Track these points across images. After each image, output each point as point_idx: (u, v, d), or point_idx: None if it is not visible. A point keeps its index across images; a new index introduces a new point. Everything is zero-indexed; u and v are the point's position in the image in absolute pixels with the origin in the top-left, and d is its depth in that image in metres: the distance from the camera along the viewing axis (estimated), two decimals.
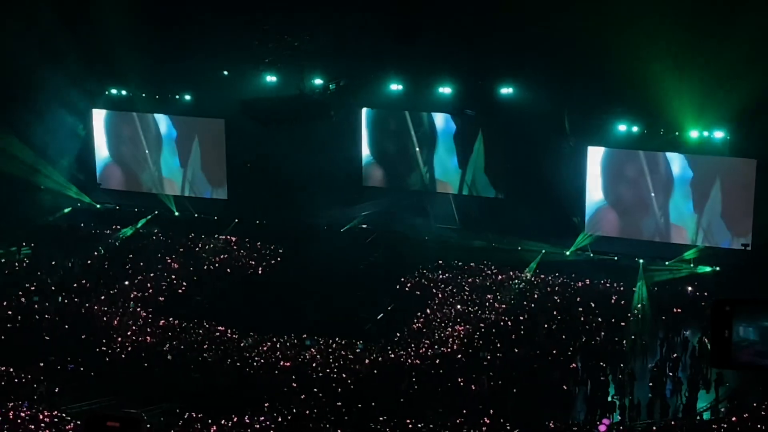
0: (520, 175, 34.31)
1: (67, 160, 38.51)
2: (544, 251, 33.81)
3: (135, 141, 39.04)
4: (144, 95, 37.74)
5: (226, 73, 35.38)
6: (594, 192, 33.90)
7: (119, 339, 29.22)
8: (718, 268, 32.11)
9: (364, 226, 36.18)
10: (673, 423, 24.93)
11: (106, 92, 38.03)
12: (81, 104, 37.92)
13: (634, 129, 32.47)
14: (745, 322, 2.81)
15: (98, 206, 39.21)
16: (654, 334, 29.67)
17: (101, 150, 39.41)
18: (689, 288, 31.62)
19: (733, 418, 23.53)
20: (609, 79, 30.12)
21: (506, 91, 32.93)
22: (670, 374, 27.39)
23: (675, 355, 28.09)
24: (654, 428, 24.49)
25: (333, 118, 32.57)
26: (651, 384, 26.90)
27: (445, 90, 33.88)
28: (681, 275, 32.05)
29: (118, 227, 37.66)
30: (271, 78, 33.78)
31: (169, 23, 33.81)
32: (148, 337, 29.43)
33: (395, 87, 34.56)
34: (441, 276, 33.53)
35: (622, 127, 32.51)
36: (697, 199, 32.72)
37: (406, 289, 33.07)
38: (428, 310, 31.27)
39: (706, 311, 28.57)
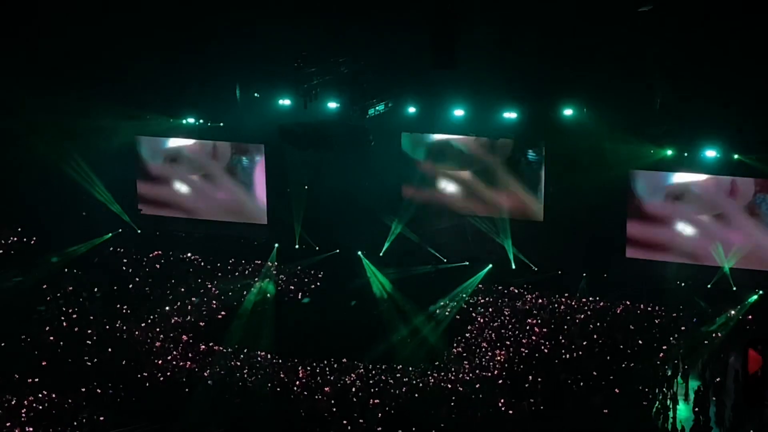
0: (562, 199, 34.17)
1: (111, 186, 38.80)
2: (585, 275, 33.64)
3: (175, 166, 39.33)
4: (184, 121, 38.03)
5: (257, 95, 35.40)
6: (635, 215, 33.74)
7: (160, 363, 29.36)
8: (761, 292, 31.77)
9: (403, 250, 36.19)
10: None
11: (148, 118, 38.28)
12: (126, 131, 38.28)
13: (669, 152, 32.33)
14: None
15: (139, 231, 39.49)
16: (696, 358, 29.38)
17: (142, 175, 39.71)
18: (731, 312, 31.24)
19: None
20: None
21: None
22: (714, 398, 27.10)
23: (718, 380, 27.78)
24: None
25: (372, 142, 32.59)
26: (696, 408, 26.62)
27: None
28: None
29: (159, 252, 37.93)
30: (311, 102, 33.67)
31: (208, 50, 34.07)
32: (189, 362, 29.56)
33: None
34: (481, 300, 33.48)
35: (667, 151, 32.40)
36: (739, 222, 32.54)
37: (446, 313, 32.99)
38: (468, 335, 31.20)
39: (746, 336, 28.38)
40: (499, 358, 29.40)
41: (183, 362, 29.59)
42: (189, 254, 37.88)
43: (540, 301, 33.11)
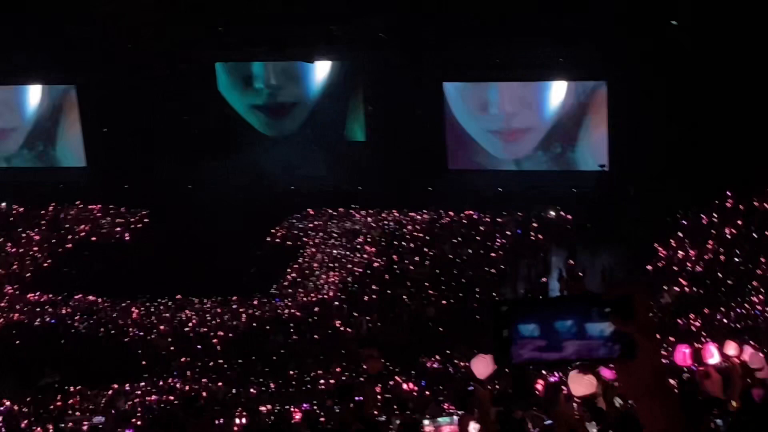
0: (382, 118, 34.46)
1: None
2: (410, 191, 33.82)
3: None
4: None
5: None
6: (452, 126, 34.40)
7: None
8: (574, 190, 32.64)
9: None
10: None
11: None
12: None
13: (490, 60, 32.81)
14: (523, 320, 2.99)
15: None
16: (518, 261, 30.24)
17: None
18: (552, 213, 31.98)
19: None
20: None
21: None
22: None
23: (543, 280, 28.82)
24: None
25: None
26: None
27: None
28: None
29: None
30: None
31: None
32: (16, 314, 28.81)
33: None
34: (310, 224, 33.49)
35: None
36: (556, 125, 33.63)
37: (277, 240, 32.90)
38: (300, 260, 31.30)
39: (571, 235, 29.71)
40: (333, 279, 29.71)
41: (11, 314, 28.83)
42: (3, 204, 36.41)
43: (368, 219, 33.32)
